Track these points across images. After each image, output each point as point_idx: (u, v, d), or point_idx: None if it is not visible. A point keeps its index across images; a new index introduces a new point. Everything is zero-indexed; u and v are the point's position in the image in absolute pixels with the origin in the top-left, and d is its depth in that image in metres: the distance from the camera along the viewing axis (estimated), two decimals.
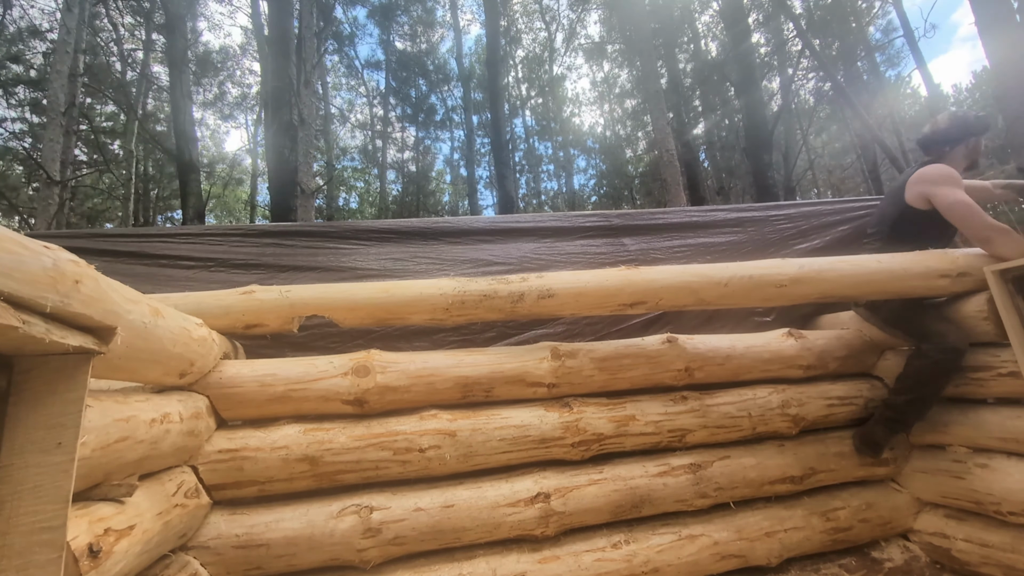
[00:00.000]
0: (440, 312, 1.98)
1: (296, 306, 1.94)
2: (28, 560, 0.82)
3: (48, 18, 14.57)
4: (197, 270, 2.56)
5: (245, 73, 20.74)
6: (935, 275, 2.05)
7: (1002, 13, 6.73)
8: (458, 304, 1.96)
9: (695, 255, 2.89)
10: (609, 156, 23.98)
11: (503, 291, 1.98)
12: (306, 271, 2.62)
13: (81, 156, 15.77)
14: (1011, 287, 1.91)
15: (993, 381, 2.00)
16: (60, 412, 0.89)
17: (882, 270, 2.04)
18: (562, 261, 2.80)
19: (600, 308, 2.06)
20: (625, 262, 2.74)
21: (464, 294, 1.96)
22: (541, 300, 1.98)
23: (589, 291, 2.00)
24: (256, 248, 2.70)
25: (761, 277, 2.03)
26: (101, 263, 0.95)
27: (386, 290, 1.97)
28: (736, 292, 2.02)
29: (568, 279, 2.03)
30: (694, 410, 2.14)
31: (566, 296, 1.99)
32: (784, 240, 2.97)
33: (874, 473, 2.26)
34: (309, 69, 8.85)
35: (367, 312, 1.96)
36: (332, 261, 2.68)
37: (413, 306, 1.96)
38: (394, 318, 2.00)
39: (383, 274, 2.65)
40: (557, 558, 1.84)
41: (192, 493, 1.57)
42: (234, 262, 2.61)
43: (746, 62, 11.94)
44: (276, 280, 2.54)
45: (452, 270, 2.69)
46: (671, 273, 2.03)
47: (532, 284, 1.99)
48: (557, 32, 23.07)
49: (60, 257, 0.86)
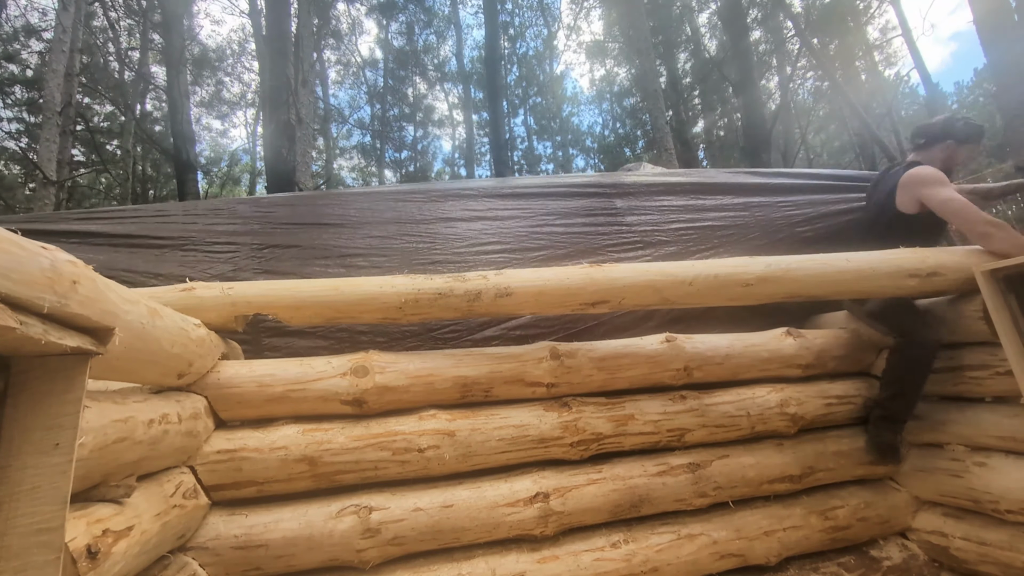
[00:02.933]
0: (393, 311, 1.91)
1: (238, 304, 1.85)
2: (26, 561, 0.81)
3: (44, 17, 14.52)
4: (169, 250, 2.42)
5: (243, 72, 20.71)
6: (904, 275, 2.01)
7: (1000, 12, 6.74)
8: (412, 303, 1.90)
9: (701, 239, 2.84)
10: (608, 156, 23.98)
11: (459, 289, 1.91)
12: (286, 248, 2.52)
13: (78, 156, 15.74)
14: (1002, 286, 1.90)
15: (991, 380, 2.01)
16: (58, 413, 0.89)
17: (850, 269, 2.02)
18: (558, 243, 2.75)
19: (561, 307, 2.02)
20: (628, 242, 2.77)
21: (419, 292, 1.89)
22: (499, 299, 1.93)
23: (549, 290, 1.94)
24: (232, 226, 2.56)
25: (727, 276, 1.99)
26: (64, 246, 0.92)
27: (336, 288, 1.90)
28: (701, 291, 1.98)
29: (527, 277, 1.97)
30: (693, 409, 2.14)
31: (525, 295, 1.94)
32: (791, 226, 2.90)
33: (873, 472, 2.27)
34: (307, 68, 8.84)
35: (314, 311, 1.89)
36: (314, 239, 2.58)
37: (364, 305, 1.89)
38: (344, 317, 1.93)
39: (368, 252, 2.56)
40: (556, 558, 1.85)
41: (191, 494, 1.57)
42: (208, 240, 2.47)
43: (745, 61, 11.96)
44: (256, 259, 2.46)
45: (443, 248, 2.65)
46: (634, 272, 2.00)
47: (490, 282, 1.93)
48: (557, 31, 23.08)
49: (58, 258, 0.86)
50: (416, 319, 2.00)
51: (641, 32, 11.40)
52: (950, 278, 2.02)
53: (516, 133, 24.90)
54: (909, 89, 22.28)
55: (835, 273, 2.02)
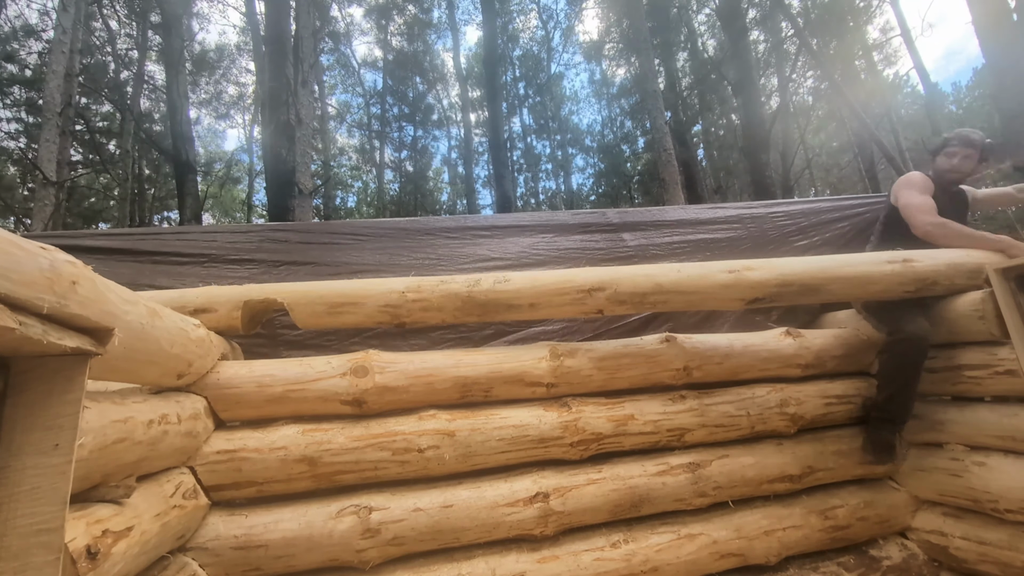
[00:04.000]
0: (396, 296, 1.99)
1: (251, 291, 1.97)
2: (26, 562, 0.81)
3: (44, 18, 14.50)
4: (190, 266, 2.52)
5: (242, 72, 20.69)
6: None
7: (999, 11, 6.75)
8: (414, 289, 1.98)
9: (695, 251, 2.90)
10: (607, 155, 23.97)
11: (460, 279, 2.00)
12: (301, 265, 2.61)
13: (77, 156, 15.71)
14: (1013, 285, 1.91)
15: (990, 379, 2.01)
16: (57, 414, 0.89)
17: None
18: (560, 257, 2.80)
19: (559, 296, 2.04)
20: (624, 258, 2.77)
21: (420, 284, 1.98)
22: (498, 285, 2.01)
23: (543, 277, 2.05)
24: (250, 244, 2.66)
25: (711, 266, 2.07)
26: (91, 260, 0.94)
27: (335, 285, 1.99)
28: (691, 277, 2.05)
29: (525, 274, 2.05)
30: (693, 409, 2.14)
31: (522, 281, 2.02)
32: (784, 237, 2.98)
33: (872, 472, 2.27)
34: (306, 69, 8.82)
35: (317, 304, 1.96)
36: (327, 256, 2.67)
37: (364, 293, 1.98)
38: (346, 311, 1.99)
39: (378, 269, 2.64)
40: (556, 558, 1.85)
41: (190, 494, 1.57)
42: (227, 258, 2.58)
43: (744, 61, 11.96)
44: (270, 276, 2.54)
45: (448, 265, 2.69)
46: (629, 268, 2.10)
47: (490, 275, 2.04)
48: (555, 30, 23.08)
49: (57, 258, 0.86)
50: (418, 309, 1.99)
51: (640, 32, 11.41)
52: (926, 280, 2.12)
53: (514, 132, 24.88)
54: (910, 88, 22.29)
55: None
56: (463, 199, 25.16)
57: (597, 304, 2.03)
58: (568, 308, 2.06)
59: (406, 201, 23.22)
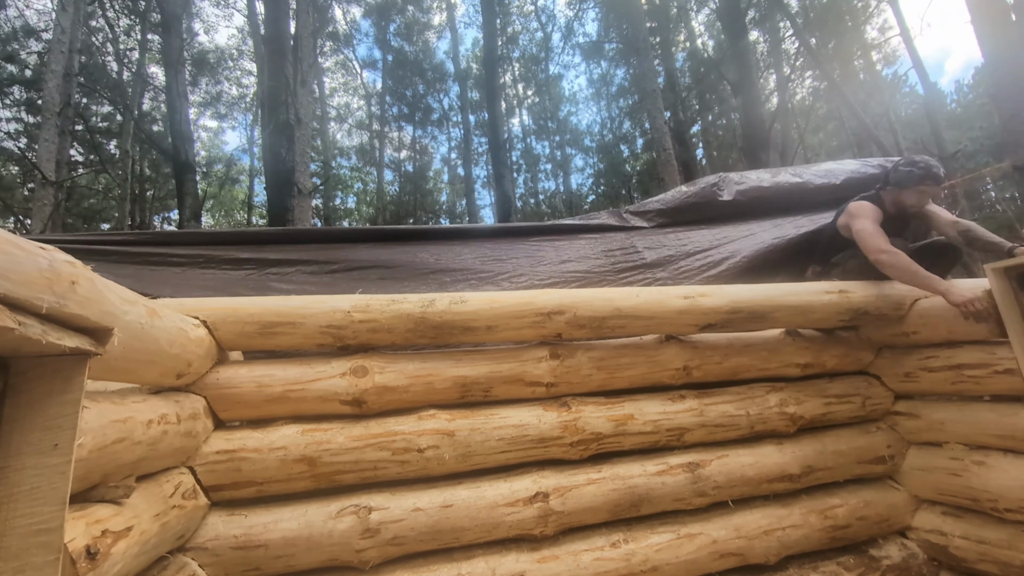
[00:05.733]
0: (341, 316, 1.89)
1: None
2: (25, 562, 0.81)
3: (43, 18, 14.50)
4: (187, 268, 2.52)
5: (242, 72, 20.68)
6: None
7: (998, 11, 6.75)
8: (362, 308, 1.90)
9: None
10: (607, 155, 23.95)
11: (413, 298, 1.93)
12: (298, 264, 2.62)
13: (77, 156, 15.71)
14: (1014, 284, 1.91)
15: (990, 378, 2.01)
16: (57, 414, 0.88)
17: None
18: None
19: (517, 319, 2.00)
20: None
21: (369, 302, 1.90)
22: (453, 305, 1.96)
23: (502, 298, 2.02)
24: (249, 245, 2.67)
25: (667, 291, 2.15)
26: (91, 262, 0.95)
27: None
28: (648, 302, 2.09)
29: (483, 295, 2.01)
30: (692, 409, 2.14)
31: (480, 302, 1.98)
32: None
33: (871, 471, 2.27)
34: (306, 69, 8.82)
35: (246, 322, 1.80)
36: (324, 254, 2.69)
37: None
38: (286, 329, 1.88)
39: (377, 264, 2.67)
40: (556, 557, 1.85)
41: (190, 494, 1.57)
42: (224, 258, 2.56)
43: (743, 60, 11.95)
44: (265, 275, 2.54)
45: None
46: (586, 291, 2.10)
47: (446, 295, 1.99)
48: (554, 31, 23.06)
49: (56, 258, 0.86)
50: (365, 331, 1.89)
51: (639, 31, 11.41)
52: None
53: (514, 133, 24.88)
54: (909, 88, 22.29)
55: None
56: (463, 199, 25.17)
57: (556, 328, 2.02)
58: (527, 331, 2.02)
59: (406, 201, 23.22)
